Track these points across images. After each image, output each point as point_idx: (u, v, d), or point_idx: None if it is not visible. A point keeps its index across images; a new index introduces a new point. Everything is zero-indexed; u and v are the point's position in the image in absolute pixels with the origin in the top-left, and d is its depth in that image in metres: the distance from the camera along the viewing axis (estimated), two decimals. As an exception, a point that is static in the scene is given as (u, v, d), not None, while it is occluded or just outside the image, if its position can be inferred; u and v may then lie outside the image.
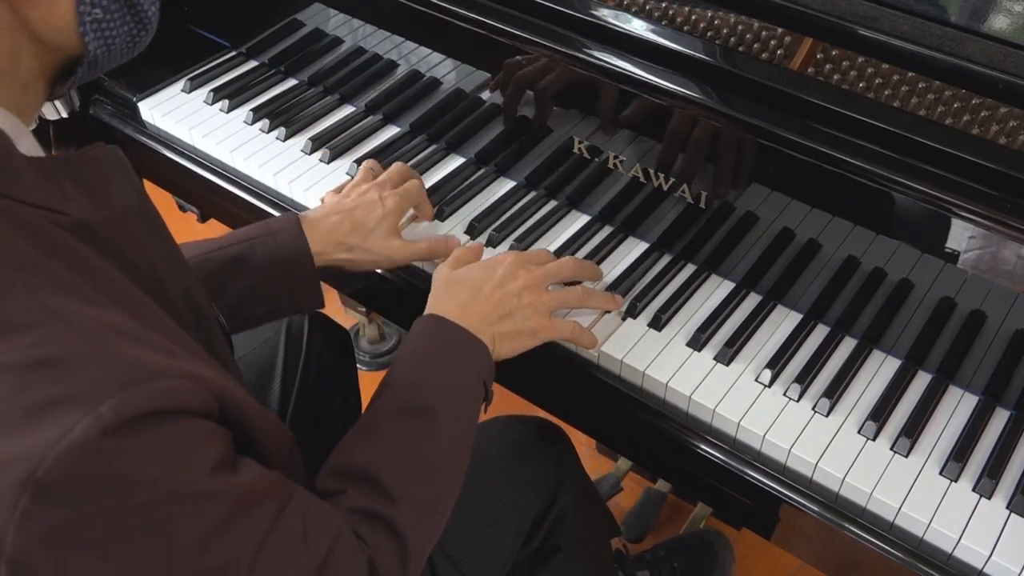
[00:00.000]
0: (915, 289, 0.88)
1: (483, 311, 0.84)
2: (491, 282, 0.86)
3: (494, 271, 0.87)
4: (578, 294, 0.90)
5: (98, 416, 0.47)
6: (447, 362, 0.80)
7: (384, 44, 1.14)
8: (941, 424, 0.85)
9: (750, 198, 0.92)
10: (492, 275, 0.87)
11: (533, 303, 0.86)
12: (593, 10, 0.95)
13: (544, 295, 0.87)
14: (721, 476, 0.87)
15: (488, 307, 0.84)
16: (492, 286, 0.85)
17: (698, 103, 0.88)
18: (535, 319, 0.86)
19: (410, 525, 0.69)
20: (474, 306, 0.84)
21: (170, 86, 1.24)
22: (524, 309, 0.86)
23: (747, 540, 1.49)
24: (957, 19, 0.84)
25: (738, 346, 0.91)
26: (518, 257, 0.89)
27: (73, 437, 0.46)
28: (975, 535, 0.77)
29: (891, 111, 0.84)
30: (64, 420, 0.46)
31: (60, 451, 0.46)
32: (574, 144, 1.01)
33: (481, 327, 0.83)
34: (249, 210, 1.13)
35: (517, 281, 0.86)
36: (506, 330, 0.85)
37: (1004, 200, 0.77)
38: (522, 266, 0.88)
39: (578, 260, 0.94)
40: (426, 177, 1.11)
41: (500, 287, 0.86)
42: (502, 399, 0.91)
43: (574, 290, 0.91)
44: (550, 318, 0.87)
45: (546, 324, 0.87)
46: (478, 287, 0.85)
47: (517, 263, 0.88)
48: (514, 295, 0.86)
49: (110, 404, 0.47)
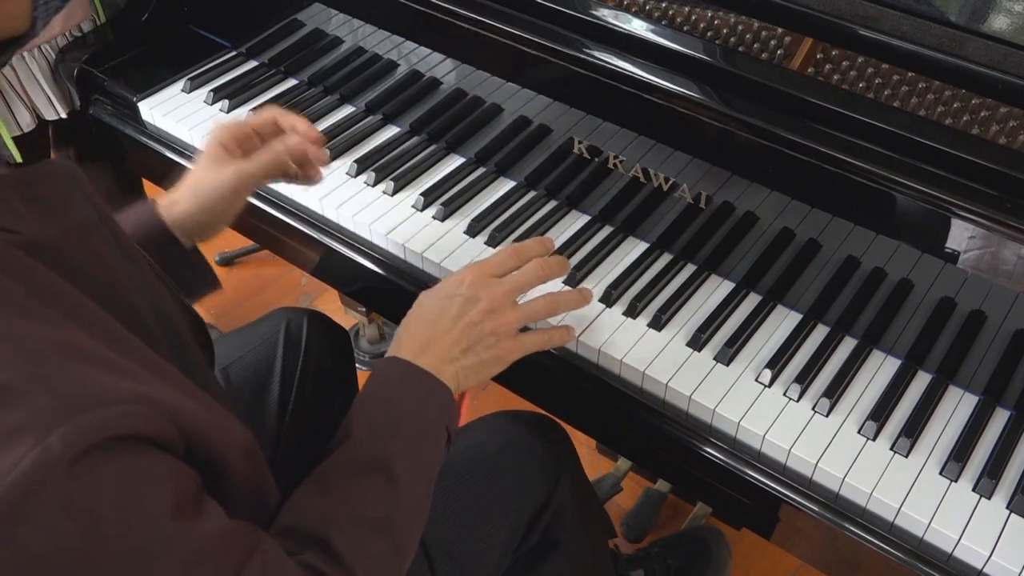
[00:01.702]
0: (915, 289, 0.88)
1: (444, 348, 0.79)
2: (450, 314, 0.80)
3: (452, 300, 0.81)
4: (544, 305, 0.85)
5: (47, 448, 0.45)
6: (407, 410, 0.76)
7: (384, 44, 1.14)
8: (941, 424, 0.85)
9: (750, 198, 0.92)
10: (451, 306, 0.81)
11: (497, 329, 0.81)
12: (593, 10, 0.95)
13: (508, 316, 0.82)
14: (721, 476, 0.87)
15: (449, 343, 0.79)
16: (451, 319, 0.80)
17: (698, 103, 0.88)
18: (501, 344, 0.81)
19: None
20: (434, 345, 0.79)
21: (170, 86, 1.25)
22: (487, 338, 0.81)
23: (747, 540, 1.49)
24: (957, 19, 0.84)
25: (738, 346, 0.91)
26: (477, 276, 0.83)
27: (22, 470, 0.44)
28: (975, 535, 0.77)
29: (891, 111, 0.84)
30: (12, 452, 0.44)
31: (8, 485, 0.44)
32: (574, 144, 1.01)
33: (442, 367, 0.78)
34: (248, 210, 1.12)
35: (479, 306, 0.81)
36: (470, 363, 0.80)
37: (1004, 200, 0.77)
38: (483, 286, 0.82)
39: (542, 262, 0.86)
40: (425, 177, 1.11)
41: (460, 318, 0.80)
42: (500, 395, 0.91)
43: (540, 302, 0.85)
44: (516, 338, 0.83)
45: (512, 347, 0.82)
46: (437, 322, 0.80)
47: (477, 284, 0.82)
48: (475, 325, 0.80)
49: (59, 434, 0.45)
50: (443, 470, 0.94)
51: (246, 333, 1.09)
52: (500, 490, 0.93)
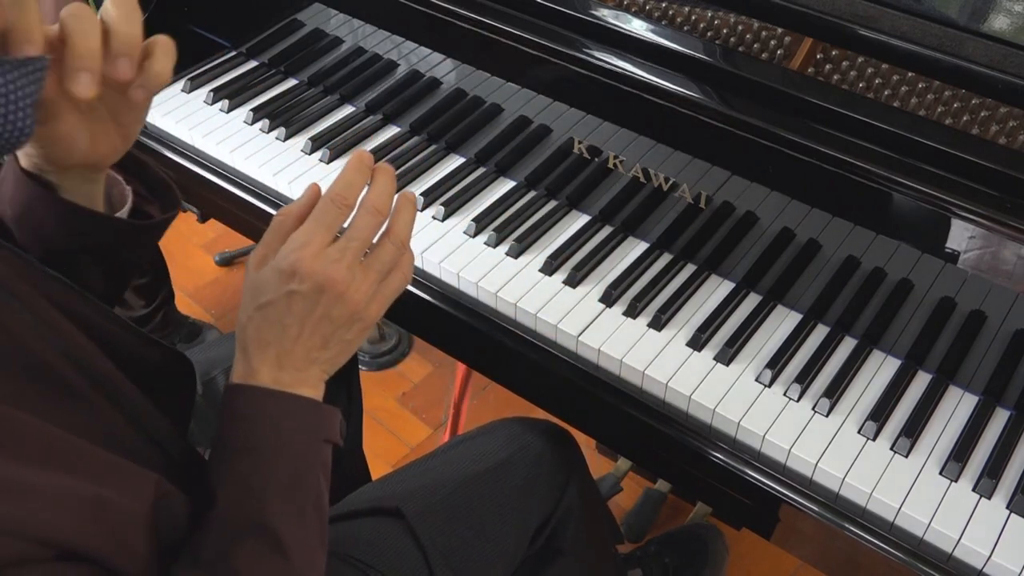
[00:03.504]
0: (915, 289, 0.88)
1: (300, 356, 0.67)
2: (295, 317, 0.66)
3: (291, 301, 0.66)
4: (392, 249, 0.71)
5: None
6: (276, 450, 0.64)
7: (384, 44, 1.14)
8: (941, 424, 0.85)
9: (750, 198, 0.92)
10: (292, 308, 0.66)
11: (355, 311, 0.68)
12: (593, 10, 0.95)
13: (362, 287, 0.68)
14: (721, 476, 0.87)
15: (304, 349, 0.67)
16: (297, 323, 0.66)
17: (698, 103, 0.88)
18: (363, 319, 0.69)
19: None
20: (289, 356, 0.66)
21: (170, 86, 1.24)
22: (346, 323, 0.68)
23: (747, 540, 1.49)
24: (957, 19, 0.84)
25: (738, 346, 0.91)
26: (309, 263, 0.65)
27: None
28: (975, 535, 0.77)
29: (891, 111, 0.84)
30: None
31: None
32: (574, 144, 1.01)
33: (305, 374, 0.67)
34: (249, 210, 1.13)
35: (324, 298, 0.66)
36: (334, 352, 0.69)
37: (1004, 200, 0.77)
38: (319, 272, 0.65)
39: (373, 203, 0.69)
40: (426, 177, 1.11)
41: (308, 317, 0.66)
42: (500, 395, 0.90)
43: (387, 247, 0.70)
44: (376, 299, 0.70)
45: (376, 311, 0.70)
46: (282, 333, 0.66)
47: (312, 272, 0.65)
48: (328, 318, 0.67)
49: None
50: (451, 478, 0.91)
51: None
52: (508, 500, 0.92)
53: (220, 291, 2.03)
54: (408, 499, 0.89)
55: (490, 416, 1.03)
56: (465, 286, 0.99)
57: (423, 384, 1.81)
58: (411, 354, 1.87)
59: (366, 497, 0.93)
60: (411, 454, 1.68)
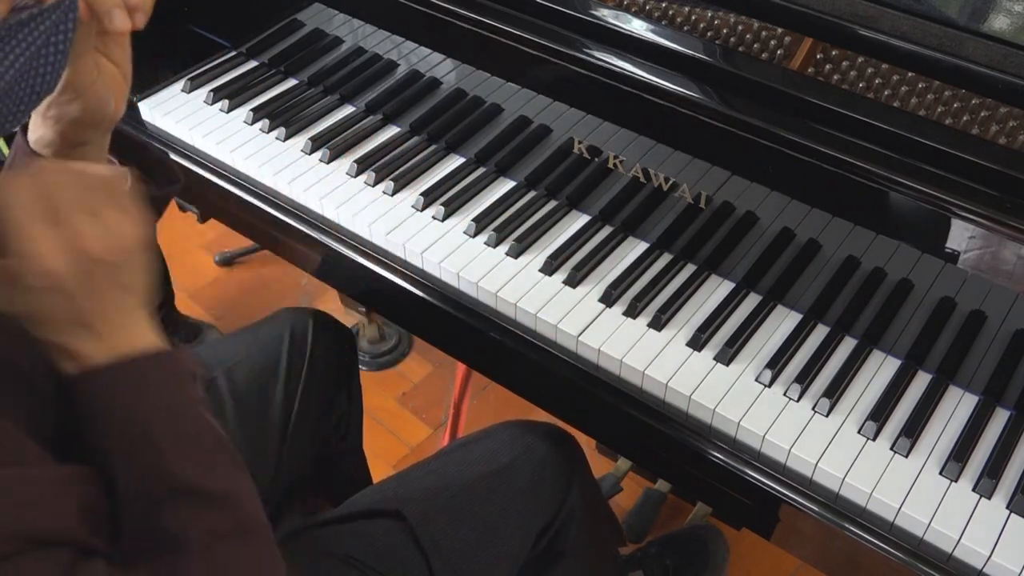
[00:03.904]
0: (915, 289, 0.88)
1: (108, 306, 0.60)
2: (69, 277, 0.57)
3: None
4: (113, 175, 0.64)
5: None
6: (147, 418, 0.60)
7: (384, 44, 1.14)
8: (941, 424, 0.85)
9: (750, 198, 0.92)
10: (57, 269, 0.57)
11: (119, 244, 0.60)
12: (593, 10, 0.95)
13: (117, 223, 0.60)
14: (721, 476, 0.87)
15: (107, 300, 0.59)
16: (75, 274, 0.58)
17: (698, 103, 0.88)
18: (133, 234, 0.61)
19: None
20: (99, 318, 0.59)
21: (170, 86, 1.24)
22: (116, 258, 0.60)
23: (747, 540, 1.49)
24: (957, 19, 0.84)
25: (738, 346, 0.91)
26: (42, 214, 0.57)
27: None
28: (975, 535, 0.77)
29: (891, 111, 0.84)
30: None
31: None
32: (574, 144, 1.01)
33: (126, 324, 0.60)
34: (249, 210, 1.13)
35: (86, 243, 0.58)
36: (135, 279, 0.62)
37: (1004, 200, 0.77)
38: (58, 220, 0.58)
39: None
40: (426, 177, 1.11)
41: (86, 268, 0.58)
42: (500, 395, 0.90)
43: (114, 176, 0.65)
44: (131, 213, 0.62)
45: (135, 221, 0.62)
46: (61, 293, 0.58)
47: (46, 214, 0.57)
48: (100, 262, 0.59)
49: None
50: (453, 481, 0.91)
51: (250, 334, 1.09)
52: (512, 503, 0.92)
53: (220, 291, 2.03)
54: (409, 501, 0.89)
55: (490, 416, 1.03)
56: (465, 286, 0.99)
57: (423, 384, 1.81)
58: (411, 354, 1.87)
59: (367, 499, 0.94)
60: (411, 454, 1.68)
